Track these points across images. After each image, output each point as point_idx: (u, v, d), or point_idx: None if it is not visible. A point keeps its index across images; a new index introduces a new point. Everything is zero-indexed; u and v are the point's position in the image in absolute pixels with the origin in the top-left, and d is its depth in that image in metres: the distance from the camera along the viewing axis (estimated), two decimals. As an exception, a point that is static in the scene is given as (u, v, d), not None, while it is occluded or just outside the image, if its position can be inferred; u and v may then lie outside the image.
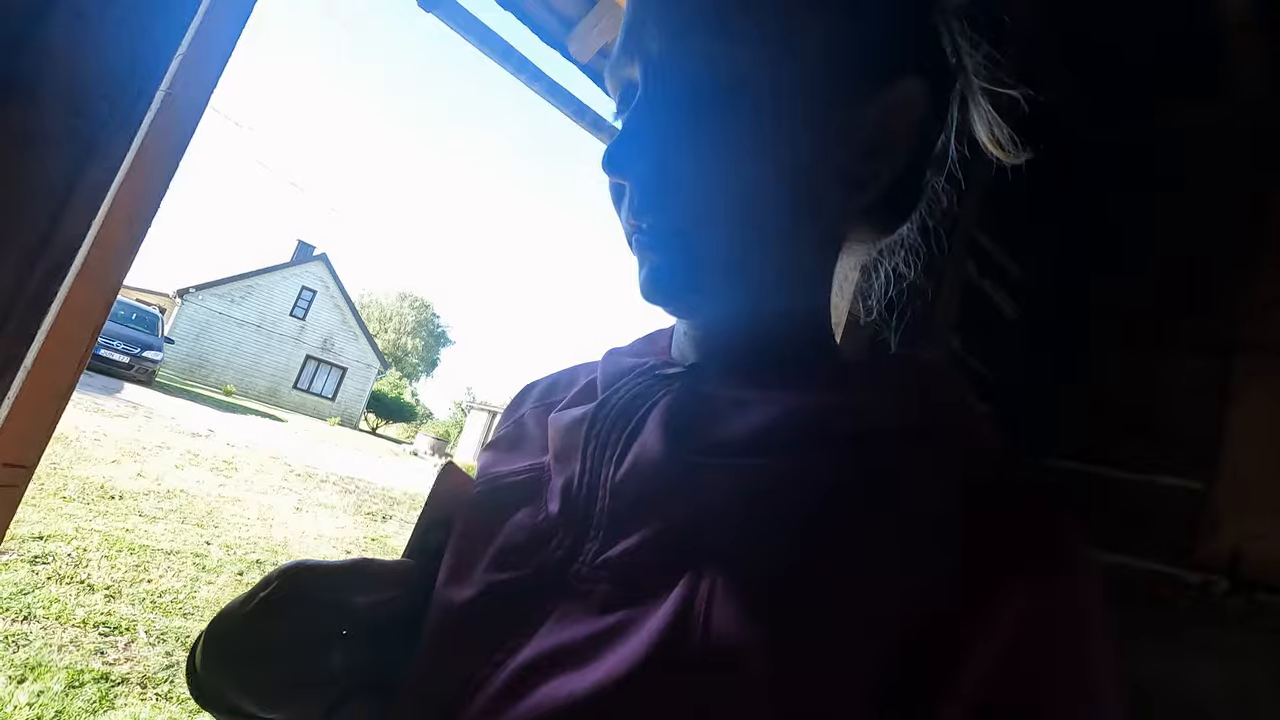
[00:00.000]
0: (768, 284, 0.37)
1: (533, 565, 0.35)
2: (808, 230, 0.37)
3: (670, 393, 0.37)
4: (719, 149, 0.33)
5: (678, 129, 0.33)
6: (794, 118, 0.34)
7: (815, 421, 0.33)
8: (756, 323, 0.38)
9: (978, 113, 0.39)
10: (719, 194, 0.34)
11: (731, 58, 0.33)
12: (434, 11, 1.88)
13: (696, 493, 0.32)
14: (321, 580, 0.37)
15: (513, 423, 0.48)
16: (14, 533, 3.65)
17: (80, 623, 2.99)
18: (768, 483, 0.31)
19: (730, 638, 0.27)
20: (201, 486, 6.16)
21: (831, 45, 0.34)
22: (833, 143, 0.35)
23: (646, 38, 0.34)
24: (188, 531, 4.78)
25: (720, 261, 0.35)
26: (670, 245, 0.35)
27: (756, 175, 0.34)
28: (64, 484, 4.87)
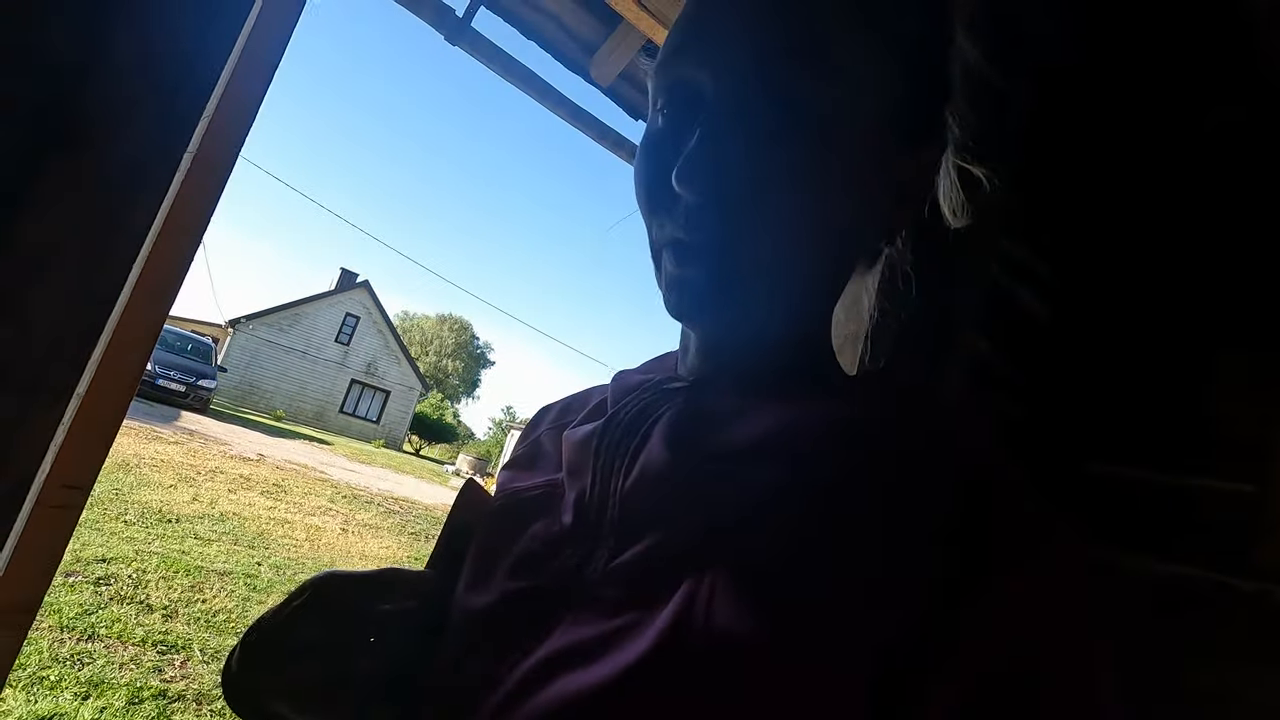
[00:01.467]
0: (788, 308, 0.38)
1: (548, 573, 0.37)
2: (837, 264, 0.39)
3: (674, 406, 0.38)
4: (785, 180, 0.34)
5: (753, 153, 0.34)
6: (856, 162, 0.35)
7: (812, 430, 0.34)
8: (762, 340, 0.39)
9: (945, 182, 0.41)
10: (774, 222, 0.34)
11: (814, 94, 0.33)
12: (460, 44, 1.95)
13: (699, 499, 0.34)
14: (349, 588, 0.39)
15: (530, 443, 0.50)
16: (79, 555, 3.82)
17: (140, 641, 3.11)
18: (767, 488, 0.33)
19: (731, 633, 0.29)
20: (252, 509, 6.37)
21: (892, 101, 0.36)
22: (880, 190, 0.37)
23: (729, 50, 0.34)
24: (240, 553, 4.93)
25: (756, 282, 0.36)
26: (712, 266, 0.35)
27: (814, 210, 0.35)
28: (125, 509, 5.09)
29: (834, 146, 0.34)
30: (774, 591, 0.30)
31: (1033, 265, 1.44)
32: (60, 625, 3.02)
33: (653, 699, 0.29)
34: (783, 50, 0.33)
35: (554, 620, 0.34)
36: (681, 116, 0.36)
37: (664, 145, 0.36)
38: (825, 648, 0.28)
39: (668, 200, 0.36)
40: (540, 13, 1.92)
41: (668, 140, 0.36)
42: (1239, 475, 1.31)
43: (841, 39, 0.34)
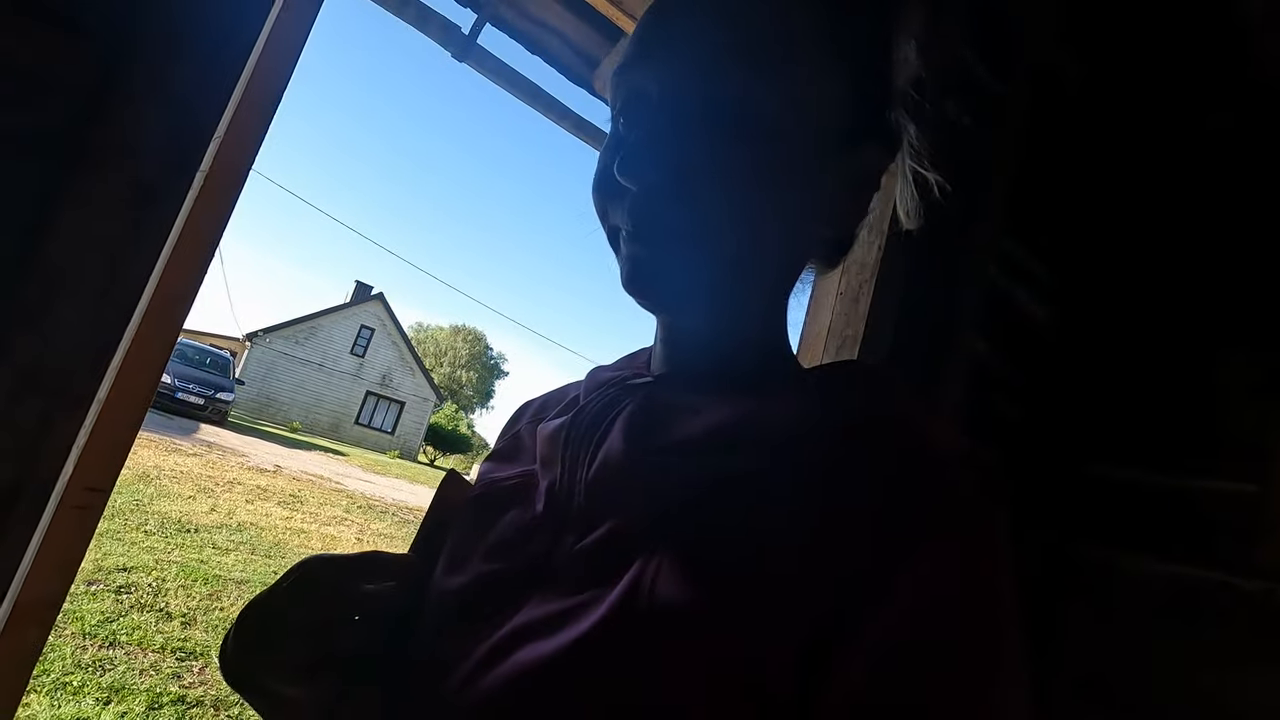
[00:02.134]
0: (736, 298, 0.41)
1: (520, 557, 0.39)
2: (778, 256, 0.41)
3: (635, 401, 0.41)
4: (723, 172, 0.37)
5: (691, 145, 0.37)
6: (793, 157, 0.38)
7: (760, 423, 0.37)
8: (719, 336, 0.42)
9: (900, 184, 0.45)
10: (715, 211, 0.37)
11: (751, 91, 0.36)
12: (467, 61, 2.00)
13: (652, 487, 0.36)
14: (334, 570, 0.41)
15: (510, 436, 0.53)
16: (101, 564, 3.90)
17: (159, 648, 3.17)
18: (713, 477, 0.35)
19: (673, 604, 0.31)
20: (269, 519, 6.44)
21: (832, 99, 0.38)
22: (820, 184, 0.39)
23: (671, 55, 0.38)
24: (257, 562, 5.00)
25: (702, 268, 0.39)
26: (660, 245, 0.38)
27: (751, 201, 0.37)
28: (145, 519, 5.17)
29: (771, 142, 0.37)
30: (711, 568, 0.32)
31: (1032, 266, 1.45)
32: (83, 632, 3.08)
33: (601, 665, 0.31)
34: (722, 53, 0.36)
35: (522, 599, 0.36)
36: (632, 121, 0.40)
37: (616, 147, 0.39)
38: (758, 618, 0.30)
39: (616, 191, 0.39)
40: (544, 28, 1.96)
41: (620, 142, 0.40)
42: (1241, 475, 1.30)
43: (781, 41, 0.37)
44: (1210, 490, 1.29)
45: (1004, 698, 0.29)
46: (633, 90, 0.40)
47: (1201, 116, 1.48)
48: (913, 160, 0.44)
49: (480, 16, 1.89)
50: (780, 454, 0.35)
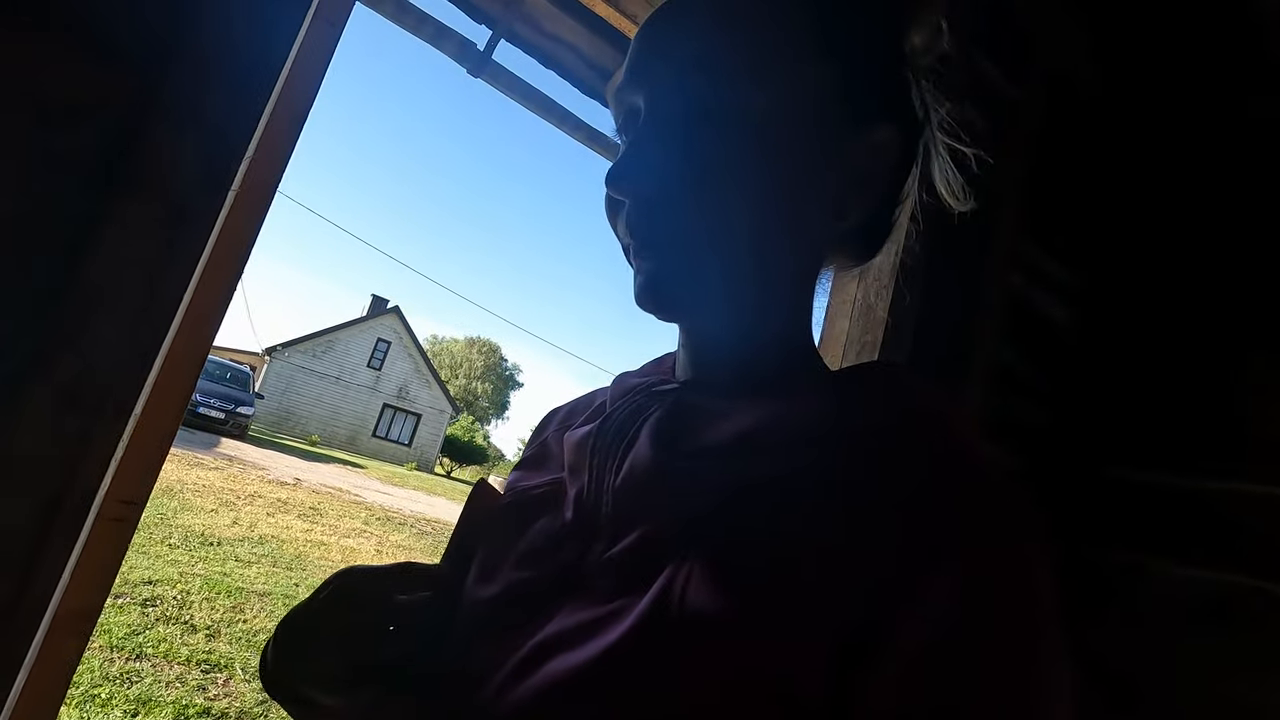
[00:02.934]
0: (752, 299, 0.41)
1: (550, 565, 0.39)
2: (789, 253, 0.41)
3: (662, 407, 0.41)
4: (712, 175, 0.37)
5: (676, 154, 0.37)
6: (781, 152, 0.38)
7: (787, 426, 0.36)
8: (742, 336, 0.42)
9: (938, 163, 0.44)
10: (709, 215, 0.37)
11: (730, 94, 0.37)
12: (482, 76, 2.03)
13: (679, 493, 0.36)
14: (369, 581, 0.42)
15: (538, 444, 0.53)
16: (127, 577, 3.95)
17: (185, 660, 3.20)
18: (742, 481, 0.35)
19: (703, 612, 0.31)
20: (290, 532, 6.50)
21: (820, 89, 0.38)
22: (816, 177, 0.39)
23: (653, 71, 0.39)
24: (278, 574, 5.04)
25: (708, 273, 0.39)
26: (664, 255, 0.39)
27: (743, 201, 0.37)
28: (170, 532, 5.24)
29: (760, 140, 0.37)
30: (740, 575, 0.32)
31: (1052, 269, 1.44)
32: (110, 645, 3.12)
33: (631, 675, 0.31)
34: (702, 61, 0.37)
35: (553, 608, 0.37)
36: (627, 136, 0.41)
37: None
38: (788, 624, 0.30)
39: (616, 207, 0.40)
40: (557, 42, 1.99)
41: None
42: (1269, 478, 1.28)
43: (761, 43, 0.37)
44: (1237, 493, 1.27)
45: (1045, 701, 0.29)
46: (625, 108, 0.41)
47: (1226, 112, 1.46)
48: (948, 137, 0.43)
49: (495, 33, 1.92)
50: (808, 456, 0.35)
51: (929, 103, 0.43)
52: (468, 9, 1.86)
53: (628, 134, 0.41)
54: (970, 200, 0.44)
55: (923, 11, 0.41)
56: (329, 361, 25.12)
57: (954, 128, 0.44)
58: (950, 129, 0.44)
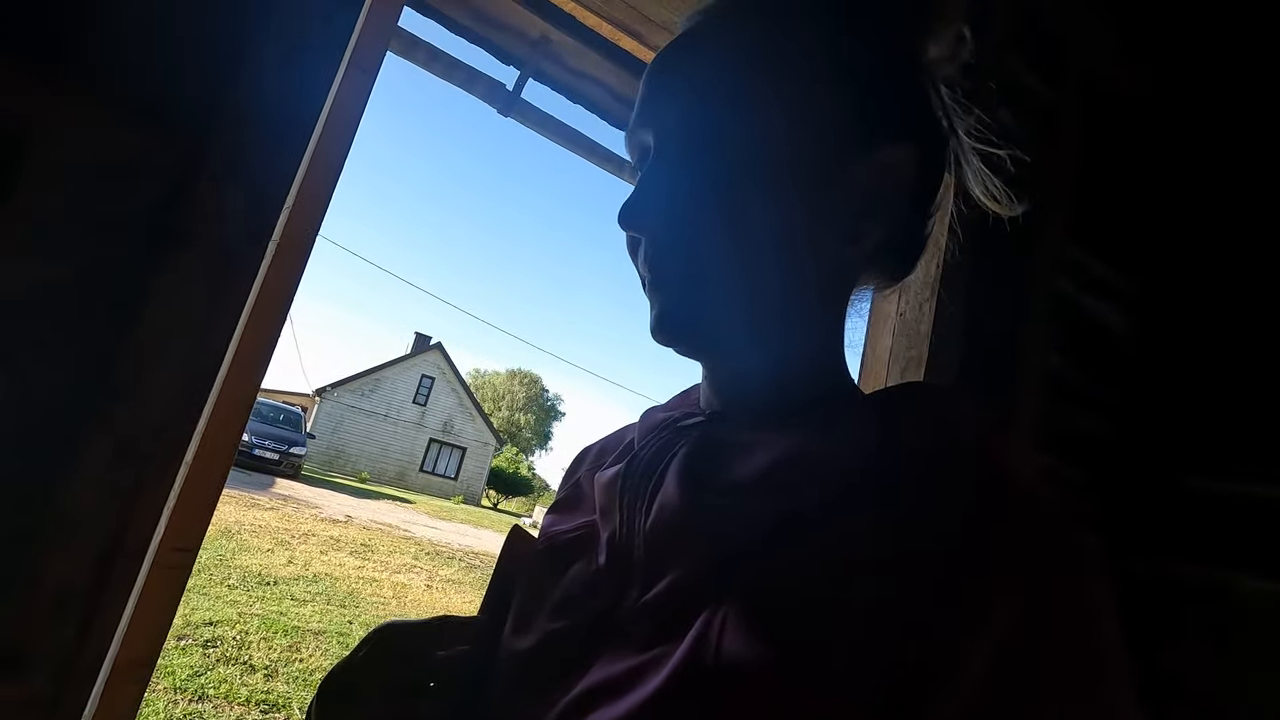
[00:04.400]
0: (771, 329, 0.40)
1: (586, 613, 0.38)
2: (806, 281, 0.40)
3: (688, 443, 0.40)
4: (721, 207, 0.37)
5: (685, 188, 0.37)
6: (789, 180, 0.37)
7: (820, 458, 0.35)
8: (765, 367, 0.41)
9: (970, 171, 0.42)
10: (721, 247, 0.37)
11: (734, 125, 0.37)
12: (512, 115, 2.08)
13: (711, 534, 0.35)
14: (408, 637, 0.42)
15: (570, 486, 0.52)
16: (189, 619, 4.06)
17: (245, 700, 3.26)
18: (771, 519, 0.34)
19: (739, 660, 0.30)
20: (343, 569, 6.61)
21: (826, 113, 0.38)
22: (827, 202, 0.38)
23: (660, 108, 0.39)
24: (333, 612, 5.12)
25: (722, 306, 0.38)
26: (676, 291, 0.38)
27: (754, 230, 0.37)
28: (228, 574, 5.38)
29: (765, 170, 0.37)
30: (778, 618, 0.30)
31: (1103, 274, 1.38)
32: (174, 686, 3.20)
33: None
34: (705, 95, 0.37)
35: (591, 657, 0.36)
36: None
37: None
38: (829, 669, 0.28)
39: (633, 244, 0.41)
40: (583, 78, 2.03)
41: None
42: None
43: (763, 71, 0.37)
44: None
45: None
46: (638, 147, 0.41)
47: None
48: (978, 142, 0.42)
49: (523, 73, 1.97)
50: (844, 489, 0.33)
51: (953, 112, 0.42)
52: (496, 52, 1.91)
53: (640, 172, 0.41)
54: (1019, 204, 0.42)
55: (940, 22, 0.41)
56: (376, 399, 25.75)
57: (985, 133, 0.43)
58: (981, 135, 0.43)
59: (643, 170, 0.40)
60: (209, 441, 0.69)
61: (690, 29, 0.41)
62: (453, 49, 1.89)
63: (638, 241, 0.40)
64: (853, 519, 0.32)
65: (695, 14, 0.42)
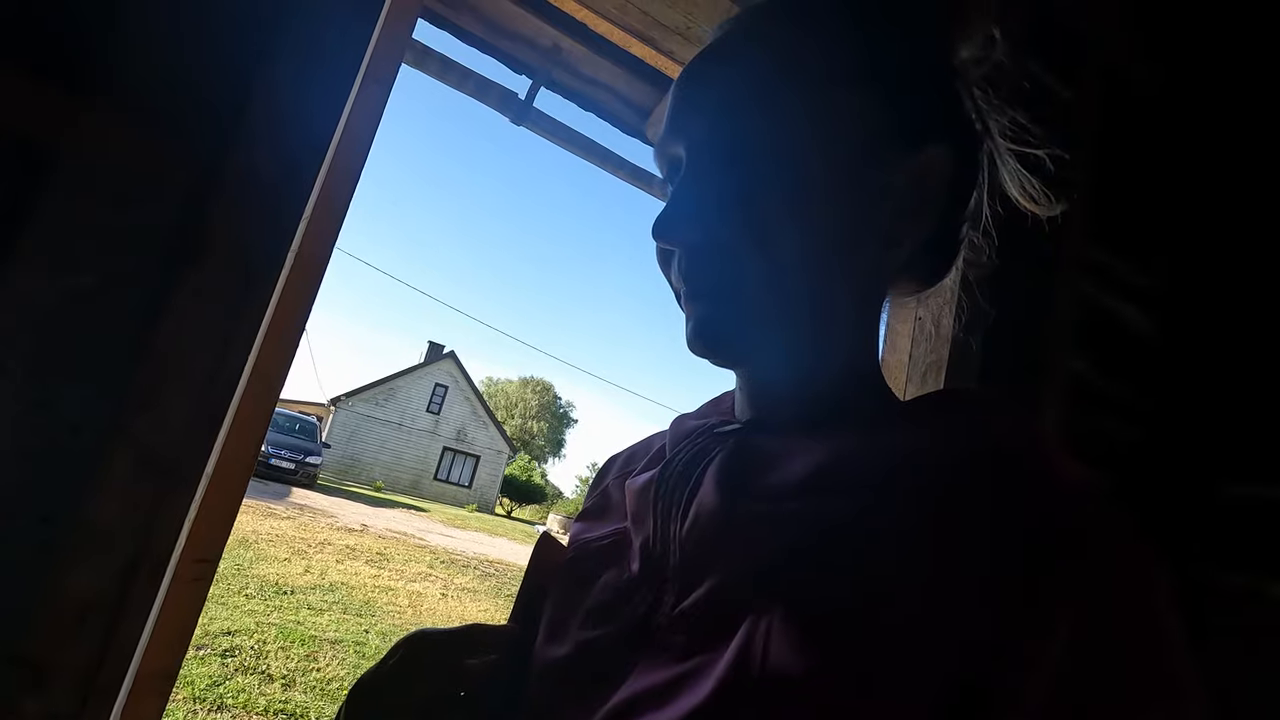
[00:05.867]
0: (809, 337, 0.39)
1: (620, 621, 0.38)
2: (845, 287, 0.39)
3: (725, 449, 0.39)
4: (754, 216, 0.36)
5: (717, 199, 0.37)
6: (824, 186, 0.37)
7: (860, 463, 0.34)
8: (802, 374, 0.40)
9: (1006, 172, 0.42)
10: (755, 256, 0.37)
11: (766, 133, 0.36)
12: (525, 124, 2.09)
13: (751, 540, 0.34)
14: (438, 647, 0.42)
15: (599, 493, 0.52)
16: (207, 629, 4.08)
17: (263, 710, 3.27)
18: (813, 525, 0.33)
19: (786, 672, 0.29)
20: (359, 578, 6.63)
21: (859, 118, 0.37)
22: (863, 207, 0.38)
23: (690, 118, 0.39)
24: (349, 621, 5.13)
25: (759, 316, 0.38)
26: (712, 301, 0.38)
27: (789, 239, 0.36)
28: (246, 583, 5.42)
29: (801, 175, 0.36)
30: (824, 627, 0.30)
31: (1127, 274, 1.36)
32: (193, 696, 3.22)
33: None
34: (737, 104, 0.37)
35: (627, 667, 0.35)
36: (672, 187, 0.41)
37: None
38: (881, 679, 0.27)
39: (666, 256, 0.41)
40: (595, 85, 2.03)
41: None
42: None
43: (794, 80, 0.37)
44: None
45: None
46: (668, 159, 0.41)
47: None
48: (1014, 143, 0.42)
49: (535, 81, 1.98)
50: (886, 495, 0.32)
51: (986, 113, 0.41)
52: (508, 61, 1.92)
53: (672, 184, 0.41)
54: (1056, 204, 0.42)
55: (971, 24, 0.40)
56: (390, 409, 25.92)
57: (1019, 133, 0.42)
58: (1016, 135, 0.42)
59: (674, 183, 0.40)
60: (229, 453, 0.70)
61: (718, 39, 0.41)
62: (465, 59, 1.90)
63: (670, 254, 0.40)
64: (900, 526, 0.31)
65: (723, 25, 0.42)
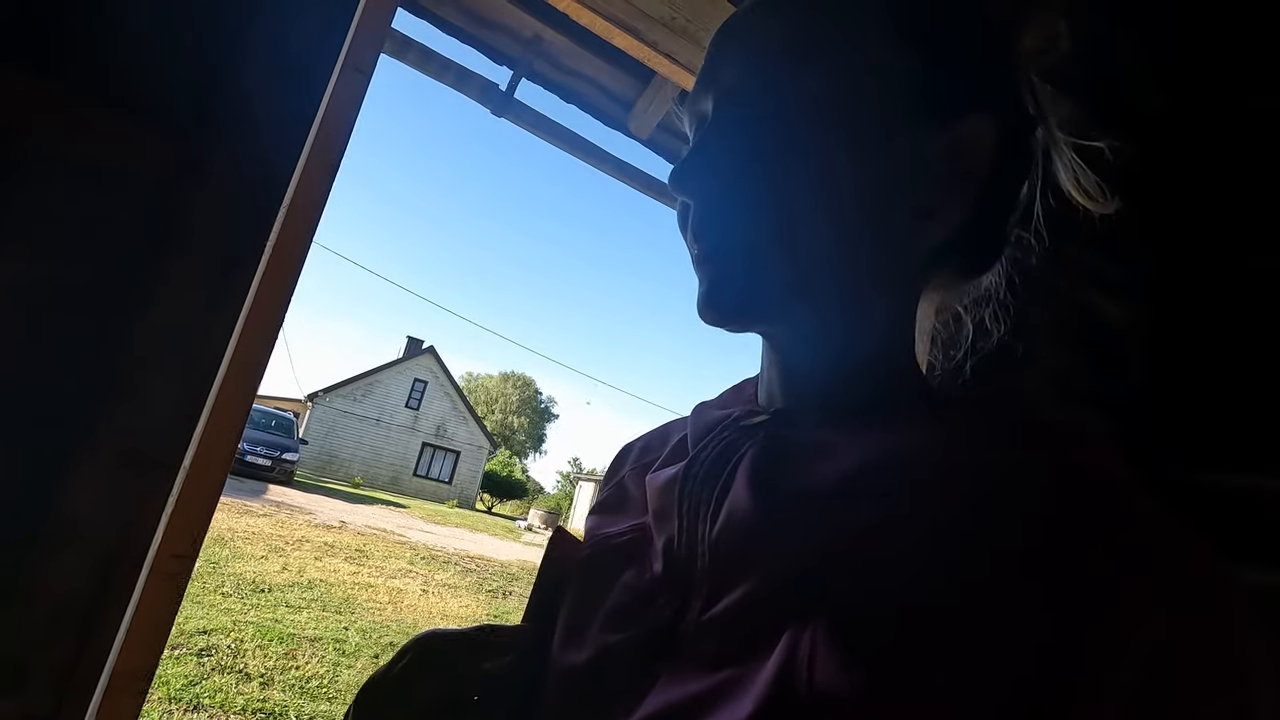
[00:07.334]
0: (832, 310, 0.37)
1: (642, 625, 0.36)
2: (875, 260, 0.36)
3: (755, 444, 0.37)
4: (781, 172, 0.34)
5: (739, 150, 0.35)
6: (855, 144, 0.34)
7: (909, 463, 0.32)
8: (830, 358, 0.38)
9: (1061, 162, 0.39)
10: (778, 215, 0.34)
11: (799, 87, 0.34)
12: (506, 116, 2.07)
13: (790, 546, 0.32)
14: (450, 648, 0.40)
15: (614, 485, 0.49)
16: (183, 628, 4.02)
17: (240, 710, 3.22)
18: (862, 529, 0.31)
19: (836, 691, 0.27)
20: (338, 575, 6.56)
21: (899, 77, 0.35)
22: (896, 172, 0.35)
23: (721, 71, 0.37)
24: (328, 619, 5.08)
25: (778, 282, 0.35)
26: (725, 260, 0.36)
27: (816, 200, 0.34)
28: (221, 581, 5.33)
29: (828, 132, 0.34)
30: (876, 642, 0.28)
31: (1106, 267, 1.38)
32: (168, 697, 3.16)
33: None
34: (765, 58, 0.35)
35: (651, 675, 0.33)
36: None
37: None
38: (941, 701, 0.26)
39: (685, 213, 0.38)
40: (577, 77, 2.02)
41: None
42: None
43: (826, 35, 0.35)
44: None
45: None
46: (696, 115, 0.39)
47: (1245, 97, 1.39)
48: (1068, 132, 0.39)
49: (516, 73, 1.96)
50: (932, 495, 0.30)
51: (1045, 103, 0.38)
52: (489, 52, 1.90)
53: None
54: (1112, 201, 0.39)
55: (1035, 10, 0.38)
56: (369, 404, 25.64)
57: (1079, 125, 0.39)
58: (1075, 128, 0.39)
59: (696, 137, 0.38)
60: (208, 445, 0.68)
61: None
62: (445, 49, 1.87)
63: (688, 210, 0.38)
64: (950, 528, 0.29)
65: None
